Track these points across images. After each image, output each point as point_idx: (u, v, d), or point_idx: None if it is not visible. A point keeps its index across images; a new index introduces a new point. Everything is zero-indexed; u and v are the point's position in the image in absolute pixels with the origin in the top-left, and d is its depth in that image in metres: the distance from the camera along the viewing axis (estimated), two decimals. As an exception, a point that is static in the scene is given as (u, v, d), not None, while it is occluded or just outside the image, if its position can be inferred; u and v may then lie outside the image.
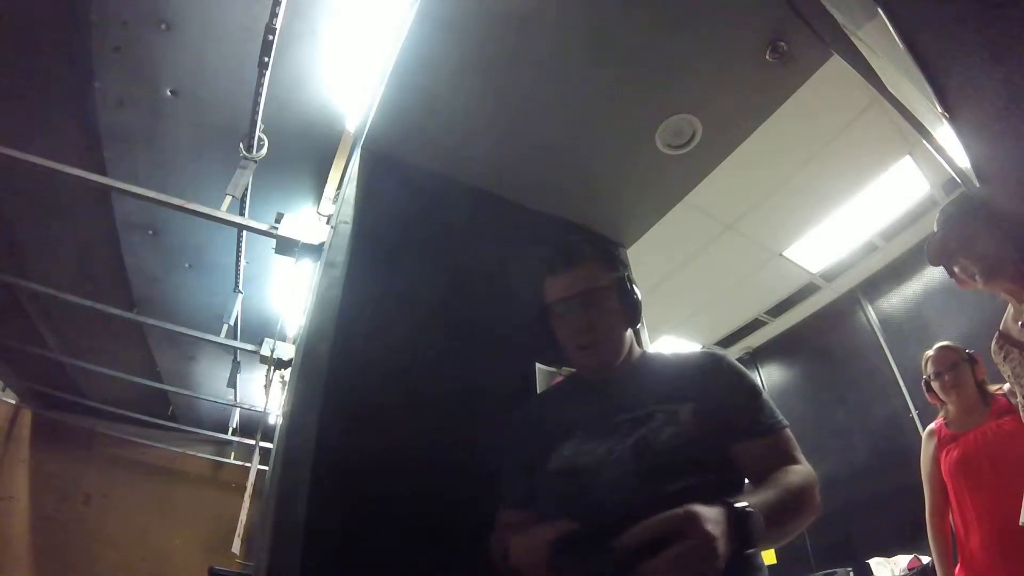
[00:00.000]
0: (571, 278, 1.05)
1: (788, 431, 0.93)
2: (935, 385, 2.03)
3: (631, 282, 1.09)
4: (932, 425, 2.09)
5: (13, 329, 3.66)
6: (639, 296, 1.09)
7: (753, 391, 0.97)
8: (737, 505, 0.72)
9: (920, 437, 2.10)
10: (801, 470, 0.87)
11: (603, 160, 1.72)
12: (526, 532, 0.82)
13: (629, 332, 1.10)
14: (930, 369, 2.05)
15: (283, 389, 3.13)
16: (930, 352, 2.08)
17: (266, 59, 1.94)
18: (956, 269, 1.26)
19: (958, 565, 1.91)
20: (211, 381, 4.46)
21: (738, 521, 0.70)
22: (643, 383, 1.02)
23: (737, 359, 4.45)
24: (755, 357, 4.50)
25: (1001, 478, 1.73)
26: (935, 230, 1.29)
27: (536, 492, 0.96)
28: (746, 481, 0.91)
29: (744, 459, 0.89)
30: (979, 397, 1.93)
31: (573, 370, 1.23)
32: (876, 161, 2.86)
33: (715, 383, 0.97)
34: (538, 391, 1.43)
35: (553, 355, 1.15)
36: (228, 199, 2.11)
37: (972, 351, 1.98)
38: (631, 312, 1.08)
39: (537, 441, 1.01)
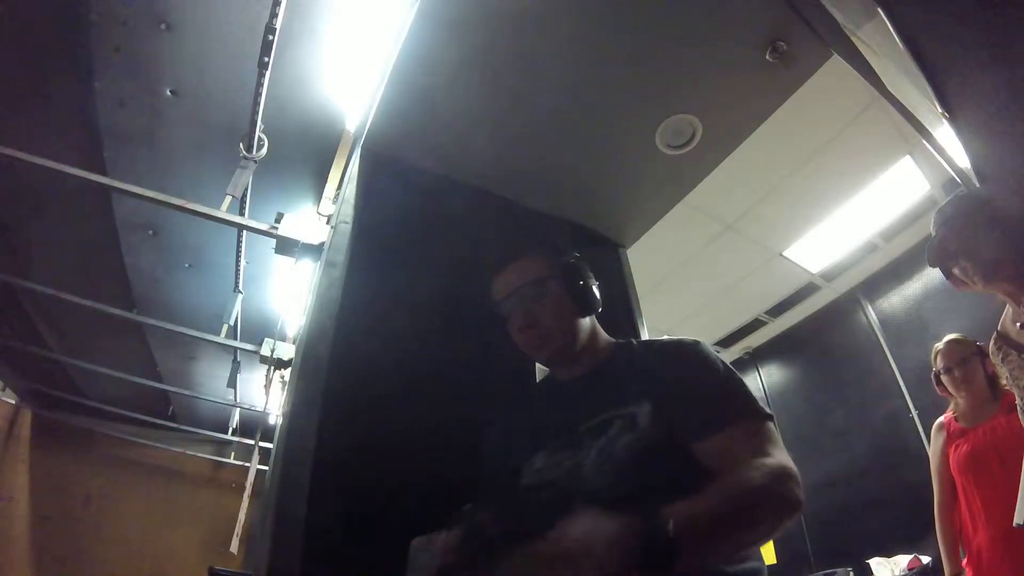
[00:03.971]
0: (506, 276, 1.03)
1: (768, 424, 0.81)
2: (945, 379, 2.00)
3: (579, 269, 1.03)
4: (942, 418, 2.06)
5: (13, 329, 3.66)
6: (589, 282, 1.02)
7: (715, 380, 0.86)
8: (653, 519, 0.62)
9: (920, 437, 2.10)
10: (763, 464, 0.74)
11: (603, 160, 1.71)
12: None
13: (587, 321, 1.03)
14: (939, 363, 2.01)
15: (283, 389, 3.13)
16: (940, 345, 2.04)
17: (266, 59, 1.94)
18: (956, 271, 1.26)
19: (965, 560, 1.90)
20: (211, 381, 4.46)
21: (646, 535, 0.61)
22: (603, 385, 0.96)
23: (737, 359, 4.51)
24: (755, 357, 4.50)
25: (1010, 475, 1.70)
26: (933, 232, 1.29)
27: (510, 504, 0.91)
28: None
29: (706, 459, 0.79)
30: (989, 392, 1.90)
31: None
32: (876, 161, 2.86)
33: (676, 375, 0.88)
34: None
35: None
36: (228, 199, 2.11)
37: (982, 344, 1.93)
38: (580, 298, 1.00)
39: (512, 450, 0.98)
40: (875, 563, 2.95)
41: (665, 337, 1.05)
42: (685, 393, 0.85)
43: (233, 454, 5.35)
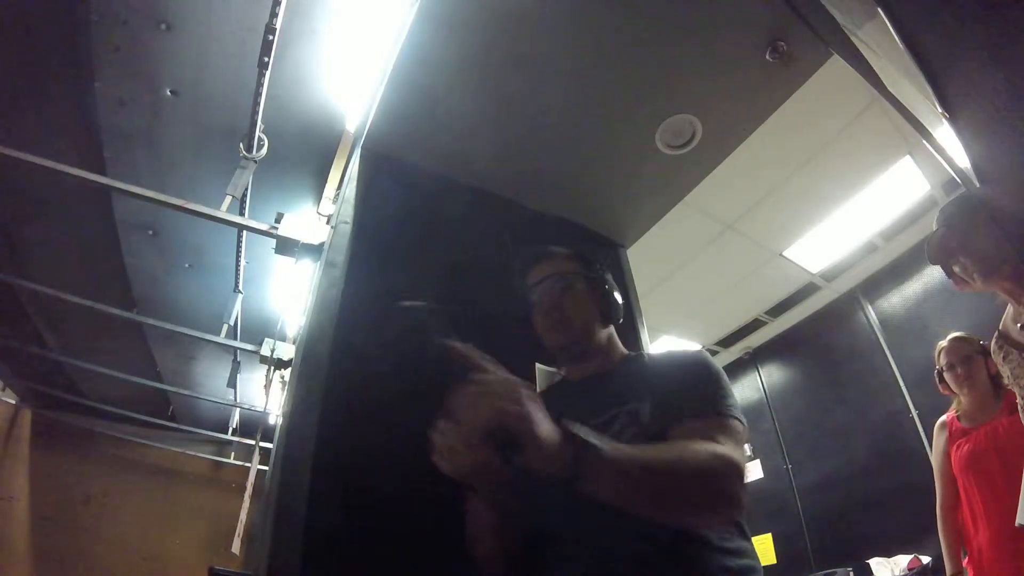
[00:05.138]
0: (543, 265, 1.13)
1: (732, 422, 0.86)
2: (948, 377, 1.99)
3: (608, 280, 1.14)
4: (944, 417, 2.05)
5: (13, 329, 3.66)
6: (615, 294, 1.13)
7: (709, 381, 0.93)
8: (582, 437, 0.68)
9: (920, 437, 2.09)
10: (709, 447, 0.78)
11: (603, 160, 1.72)
12: None
13: (608, 330, 1.12)
14: (943, 360, 2.00)
15: (283, 389, 3.13)
16: (943, 342, 2.03)
17: (266, 59, 1.93)
18: (956, 269, 1.26)
19: (966, 560, 1.90)
20: (211, 381, 4.46)
21: (572, 435, 0.68)
22: (614, 384, 1.03)
23: (737, 359, 4.51)
24: (755, 357, 4.50)
25: (1011, 475, 1.68)
26: (935, 229, 1.29)
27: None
28: None
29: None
30: (992, 392, 1.89)
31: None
32: (876, 161, 2.86)
33: (678, 375, 0.96)
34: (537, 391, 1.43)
35: (544, 353, 1.17)
36: (228, 199, 2.11)
37: (986, 343, 1.91)
38: (603, 304, 1.11)
39: None
40: (875, 563, 2.95)
41: (686, 348, 1.12)
42: (676, 390, 0.92)
43: (233, 454, 5.35)
